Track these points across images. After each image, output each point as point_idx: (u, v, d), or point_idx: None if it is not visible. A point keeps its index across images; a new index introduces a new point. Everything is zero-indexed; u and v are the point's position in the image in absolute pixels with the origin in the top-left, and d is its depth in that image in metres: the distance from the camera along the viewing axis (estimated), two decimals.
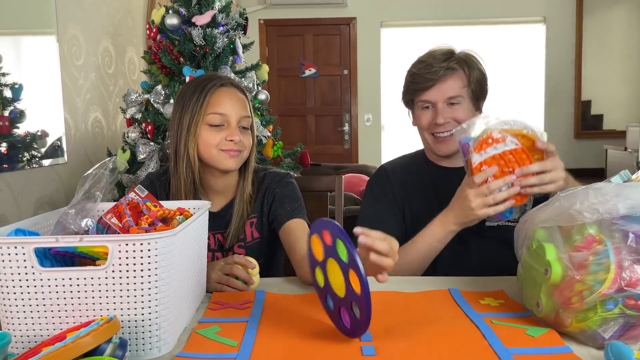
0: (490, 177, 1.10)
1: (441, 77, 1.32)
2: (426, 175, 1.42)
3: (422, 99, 1.35)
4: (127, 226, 0.91)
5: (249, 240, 1.34)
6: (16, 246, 0.77)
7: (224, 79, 1.28)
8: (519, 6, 5.16)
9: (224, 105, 1.23)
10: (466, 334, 0.87)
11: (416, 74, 1.35)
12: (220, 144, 1.23)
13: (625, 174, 0.93)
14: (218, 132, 1.23)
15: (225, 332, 0.89)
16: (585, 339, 0.82)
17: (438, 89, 1.32)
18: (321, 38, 5.38)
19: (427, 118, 1.36)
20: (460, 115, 1.33)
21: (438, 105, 1.33)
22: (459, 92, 1.33)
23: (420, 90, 1.35)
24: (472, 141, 1.10)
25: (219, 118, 1.23)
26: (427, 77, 1.32)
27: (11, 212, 1.80)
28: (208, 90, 1.23)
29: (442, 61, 1.33)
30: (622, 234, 0.79)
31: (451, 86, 1.33)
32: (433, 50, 1.39)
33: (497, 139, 1.08)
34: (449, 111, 1.33)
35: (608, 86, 5.26)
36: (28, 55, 2.02)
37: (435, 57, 1.35)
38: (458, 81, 1.33)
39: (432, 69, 1.32)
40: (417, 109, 1.40)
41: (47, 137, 2.05)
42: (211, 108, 1.22)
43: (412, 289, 1.11)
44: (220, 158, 1.24)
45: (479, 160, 1.09)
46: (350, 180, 3.34)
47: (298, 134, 5.31)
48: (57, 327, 0.80)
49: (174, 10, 2.15)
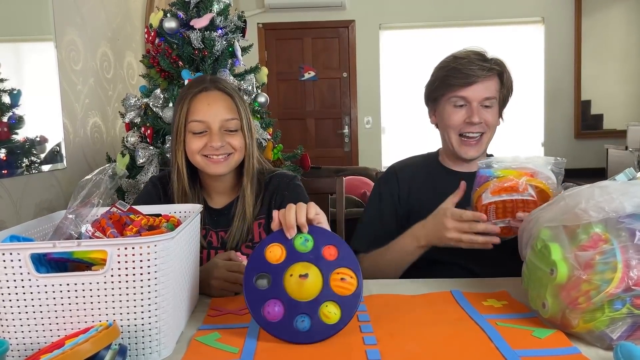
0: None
1: (482, 76, 1.31)
2: (437, 179, 1.41)
3: (459, 94, 1.33)
4: (112, 237, 0.90)
5: (257, 241, 1.33)
6: (11, 252, 0.76)
7: (207, 83, 1.27)
8: (517, 7, 5.16)
9: (203, 112, 1.24)
10: (472, 337, 0.86)
11: (456, 68, 1.32)
12: (202, 150, 1.24)
13: (630, 172, 0.91)
14: (200, 138, 1.24)
15: (225, 338, 0.88)
16: (592, 339, 0.81)
17: (478, 87, 1.31)
18: (320, 41, 5.37)
19: (459, 116, 1.34)
20: (491, 119, 1.33)
21: (473, 104, 1.32)
22: (495, 94, 1.34)
23: (458, 86, 1.32)
24: (493, 179, 1.06)
25: (200, 125, 1.23)
26: (469, 73, 1.30)
27: (10, 218, 1.79)
28: (189, 98, 1.25)
29: (482, 61, 1.33)
30: (629, 233, 0.78)
31: (489, 87, 1.32)
32: (467, 49, 1.37)
33: (519, 190, 1.04)
34: (482, 112, 1.32)
35: (608, 86, 5.24)
36: (26, 61, 2.01)
37: (473, 55, 1.34)
38: (495, 83, 1.34)
39: (474, 66, 1.31)
40: (447, 106, 1.36)
41: (46, 142, 2.04)
42: (191, 116, 1.24)
43: (414, 291, 1.10)
44: (204, 164, 1.26)
45: (489, 201, 1.06)
46: (351, 182, 3.32)
47: (298, 137, 5.29)
48: (55, 334, 0.79)
49: (172, 13, 2.14)
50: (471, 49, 1.38)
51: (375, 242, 1.40)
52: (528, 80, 5.24)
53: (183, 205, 1.13)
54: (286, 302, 0.87)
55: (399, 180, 1.43)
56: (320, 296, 0.87)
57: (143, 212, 1.01)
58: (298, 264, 0.89)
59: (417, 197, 1.40)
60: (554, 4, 5.16)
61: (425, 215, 1.23)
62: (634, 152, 4.28)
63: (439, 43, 5.02)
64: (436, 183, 1.40)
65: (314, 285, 0.87)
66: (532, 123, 5.27)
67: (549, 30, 5.19)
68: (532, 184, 1.04)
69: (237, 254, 1.15)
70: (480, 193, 1.08)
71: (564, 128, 5.24)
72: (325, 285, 0.88)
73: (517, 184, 1.04)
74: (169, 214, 1.05)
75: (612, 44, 5.21)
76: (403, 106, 5.17)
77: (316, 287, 0.88)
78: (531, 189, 1.04)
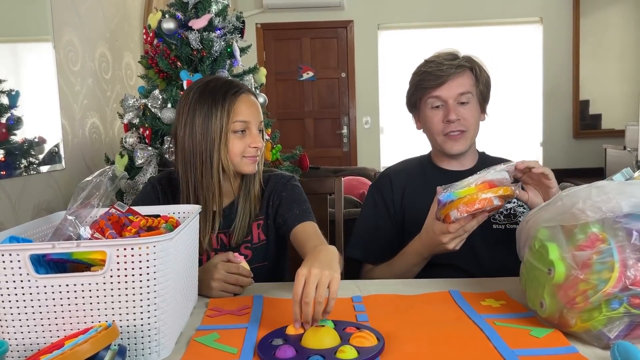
0: None
1: (452, 74, 1.34)
2: (432, 180, 1.42)
3: (434, 95, 1.36)
4: (110, 238, 0.90)
5: (256, 242, 1.34)
6: (11, 253, 0.76)
7: (241, 85, 1.29)
8: (515, 7, 5.16)
9: (245, 112, 1.25)
10: (470, 336, 0.86)
11: (427, 72, 1.36)
12: (245, 152, 1.25)
13: (628, 172, 0.92)
14: (241, 139, 1.25)
15: (224, 339, 0.88)
16: (590, 339, 0.81)
17: (450, 86, 1.34)
18: (318, 41, 5.37)
19: (438, 117, 1.37)
20: (468, 115, 1.35)
21: (449, 102, 1.35)
22: (469, 89, 1.36)
23: (430, 88, 1.36)
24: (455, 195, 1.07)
25: (242, 125, 1.24)
26: (438, 74, 1.34)
27: (9, 219, 1.79)
28: (231, 98, 1.24)
29: (451, 60, 1.36)
30: (626, 232, 0.78)
31: (462, 83, 1.35)
32: (439, 52, 1.41)
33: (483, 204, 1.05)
34: (459, 109, 1.35)
35: (606, 85, 5.25)
36: (24, 61, 2.01)
37: (443, 56, 1.38)
38: (468, 79, 1.36)
39: (443, 66, 1.34)
40: (426, 110, 1.40)
41: (44, 143, 2.04)
42: (235, 116, 1.23)
43: (413, 291, 1.10)
44: (243, 164, 1.26)
45: (457, 217, 1.07)
46: (350, 183, 3.33)
47: (297, 137, 5.29)
48: (55, 335, 0.79)
49: (171, 14, 2.14)
50: (443, 50, 1.42)
51: (370, 249, 1.42)
52: (526, 80, 5.25)
53: (182, 206, 1.13)
54: (299, 349, 0.82)
55: (393, 185, 1.45)
56: (337, 346, 0.81)
57: (142, 213, 1.02)
58: None
59: (412, 199, 1.42)
60: (552, 4, 5.17)
61: (420, 215, 1.24)
62: (632, 152, 4.28)
63: (437, 43, 5.02)
64: (431, 183, 1.41)
65: (330, 333, 0.84)
66: (530, 123, 5.28)
67: (548, 30, 5.20)
68: (495, 195, 1.05)
69: (236, 255, 1.16)
70: (447, 212, 1.08)
71: (562, 128, 5.25)
72: (343, 339, 0.84)
73: (478, 199, 1.05)
74: (167, 215, 1.05)
75: (611, 43, 5.22)
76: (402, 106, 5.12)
77: (333, 338, 0.83)
78: (496, 200, 1.05)
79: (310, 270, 0.87)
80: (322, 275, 0.87)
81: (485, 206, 1.05)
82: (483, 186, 1.06)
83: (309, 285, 0.86)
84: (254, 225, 1.33)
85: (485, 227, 1.19)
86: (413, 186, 1.43)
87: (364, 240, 1.44)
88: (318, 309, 0.86)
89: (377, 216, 1.45)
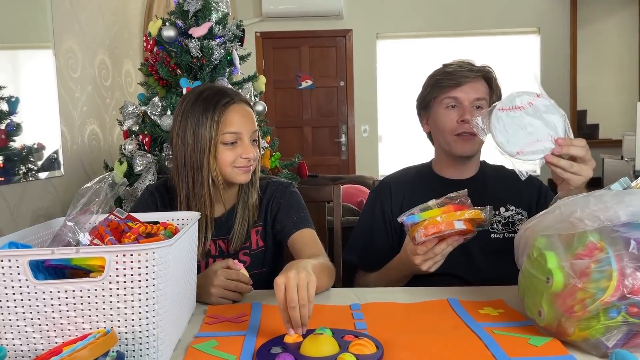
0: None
1: (471, 77, 1.37)
2: (433, 189, 1.42)
3: (450, 95, 1.37)
4: (109, 245, 0.90)
5: (254, 249, 1.34)
6: (10, 259, 0.76)
7: (234, 95, 1.27)
8: (513, 17, 5.19)
9: (236, 123, 1.24)
10: (468, 345, 0.86)
11: (447, 72, 1.39)
12: (235, 162, 1.24)
13: (625, 181, 0.92)
14: (232, 149, 1.24)
15: (222, 346, 0.88)
16: (588, 347, 0.81)
17: (469, 87, 1.37)
18: (317, 50, 5.40)
19: (452, 117, 1.37)
20: None
21: (464, 103, 1.36)
22: (484, 96, 1.38)
23: (448, 88, 1.37)
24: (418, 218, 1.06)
25: (232, 136, 1.23)
26: (458, 75, 1.37)
27: (7, 226, 1.79)
28: (221, 109, 1.23)
29: (470, 66, 1.40)
30: (624, 241, 0.78)
31: (478, 89, 1.38)
32: (457, 60, 1.44)
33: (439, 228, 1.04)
34: (474, 112, 1.35)
35: (603, 95, 5.28)
36: (24, 68, 2.02)
37: (462, 63, 1.41)
38: (483, 86, 1.39)
39: (463, 70, 1.37)
40: (439, 109, 1.40)
41: (43, 150, 2.04)
42: (225, 127, 1.22)
43: (411, 299, 1.10)
44: (234, 174, 1.25)
45: (420, 241, 1.07)
46: (348, 191, 3.33)
47: (295, 145, 5.30)
48: (53, 341, 0.79)
49: (171, 22, 2.15)
50: (461, 59, 1.44)
51: (365, 255, 1.44)
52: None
53: (180, 213, 1.13)
54: (298, 357, 0.81)
55: (393, 193, 1.45)
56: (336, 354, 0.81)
57: (141, 220, 1.02)
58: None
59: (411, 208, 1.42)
60: (550, 15, 5.21)
61: None
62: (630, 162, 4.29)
63: (435, 52, 5.05)
64: (431, 192, 1.41)
65: (328, 342, 0.84)
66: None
67: (545, 40, 5.23)
68: (459, 219, 1.04)
69: (236, 262, 1.16)
70: (412, 234, 1.08)
71: None
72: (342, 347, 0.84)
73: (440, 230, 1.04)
74: (166, 222, 1.05)
75: (608, 54, 5.25)
76: (400, 115, 5.18)
77: (332, 346, 0.83)
78: (458, 224, 1.04)
79: (287, 275, 0.89)
80: (299, 278, 0.89)
81: (444, 230, 1.03)
82: (447, 209, 1.05)
83: (289, 290, 0.87)
84: (253, 231, 1.33)
85: (483, 235, 1.19)
86: (413, 195, 1.43)
87: (359, 246, 1.45)
88: (304, 312, 0.87)
89: (374, 224, 1.45)
